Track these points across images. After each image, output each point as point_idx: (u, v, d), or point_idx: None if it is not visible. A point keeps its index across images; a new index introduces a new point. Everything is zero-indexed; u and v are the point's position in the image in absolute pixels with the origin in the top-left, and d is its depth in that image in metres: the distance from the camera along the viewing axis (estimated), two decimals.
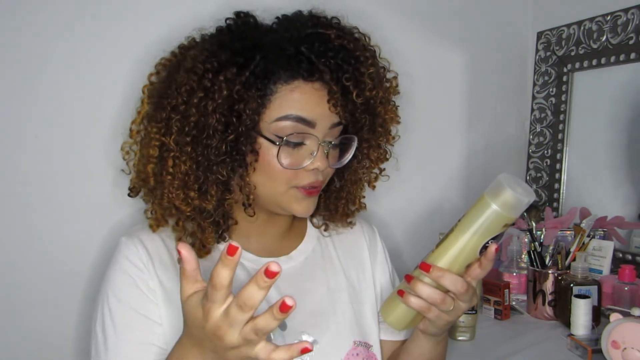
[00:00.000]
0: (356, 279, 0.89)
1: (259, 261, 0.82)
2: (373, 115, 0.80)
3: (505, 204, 0.64)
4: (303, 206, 0.77)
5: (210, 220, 0.76)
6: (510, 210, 0.64)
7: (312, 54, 0.73)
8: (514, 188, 0.64)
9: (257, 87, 0.71)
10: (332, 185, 0.86)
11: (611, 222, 1.31)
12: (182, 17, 0.91)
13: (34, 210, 1.01)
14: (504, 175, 0.65)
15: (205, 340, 0.56)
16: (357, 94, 0.75)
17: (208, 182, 0.73)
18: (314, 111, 0.73)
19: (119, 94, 1.01)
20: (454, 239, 0.67)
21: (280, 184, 0.75)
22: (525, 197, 0.64)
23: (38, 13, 0.98)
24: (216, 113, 0.70)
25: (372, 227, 0.96)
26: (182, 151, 0.72)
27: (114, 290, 0.75)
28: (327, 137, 0.76)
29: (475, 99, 1.56)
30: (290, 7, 0.82)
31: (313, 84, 0.74)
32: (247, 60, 0.72)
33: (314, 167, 0.75)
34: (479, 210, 0.66)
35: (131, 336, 0.73)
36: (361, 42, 0.79)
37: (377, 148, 0.85)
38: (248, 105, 0.71)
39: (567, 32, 1.52)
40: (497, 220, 0.65)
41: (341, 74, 0.75)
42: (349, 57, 0.75)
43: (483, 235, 0.66)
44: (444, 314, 0.69)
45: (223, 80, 0.70)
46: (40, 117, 1.00)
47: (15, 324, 1.01)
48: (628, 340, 0.91)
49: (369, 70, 0.77)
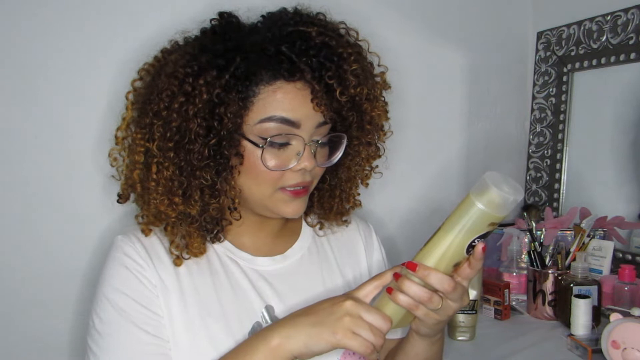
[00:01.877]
0: (352, 277, 0.89)
1: (254, 260, 0.82)
2: (360, 113, 0.79)
3: (490, 202, 0.63)
4: (292, 208, 0.76)
5: (195, 225, 0.75)
6: (495, 209, 0.63)
7: (292, 53, 0.72)
8: (500, 186, 0.62)
9: (237, 89, 0.70)
10: (325, 184, 0.86)
11: (611, 222, 1.31)
12: (170, 20, 0.91)
13: (31, 211, 1.01)
14: (491, 174, 0.64)
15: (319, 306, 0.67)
16: (340, 92, 0.74)
17: (192, 187, 0.73)
18: (297, 111, 0.73)
19: (115, 97, 1.01)
20: (439, 237, 0.67)
21: (267, 186, 0.74)
22: (511, 196, 0.62)
23: (38, 14, 0.98)
24: (197, 117, 0.70)
25: (368, 224, 0.96)
26: (165, 157, 0.71)
27: (114, 285, 0.74)
28: (314, 136, 0.75)
29: (475, 99, 1.56)
30: (275, 5, 0.80)
31: (295, 84, 0.73)
32: (227, 63, 0.71)
33: (301, 167, 0.74)
34: (464, 208, 0.65)
35: (137, 329, 0.72)
36: (345, 39, 0.78)
37: (368, 145, 0.83)
38: (229, 109, 0.70)
39: (567, 32, 1.52)
40: (482, 218, 0.64)
41: (324, 72, 0.73)
42: (331, 55, 0.74)
43: (468, 233, 0.65)
44: (432, 312, 0.68)
45: (203, 84, 0.70)
46: (36, 119, 1.00)
47: (13, 324, 1.01)
48: (628, 340, 0.91)
49: (352, 67, 0.75)
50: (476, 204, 0.63)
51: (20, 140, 0.99)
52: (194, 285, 0.77)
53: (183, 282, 0.76)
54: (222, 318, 0.76)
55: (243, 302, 0.78)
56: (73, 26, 1.01)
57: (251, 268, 0.81)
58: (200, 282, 0.77)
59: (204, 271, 0.78)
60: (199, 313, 0.75)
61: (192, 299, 0.76)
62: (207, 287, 0.77)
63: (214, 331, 0.75)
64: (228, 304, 0.77)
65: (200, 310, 0.75)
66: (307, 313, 0.67)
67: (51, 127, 1.01)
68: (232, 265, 0.80)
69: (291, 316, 0.68)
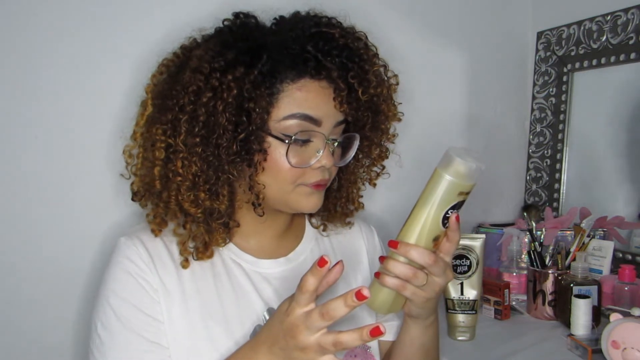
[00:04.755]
0: (354, 280, 0.89)
1: (257, 263, 0.82)
2: (376, 113, 0.81)
3: (456, 172, 0.68)
4: (311, 201, 0.77)
5: (220, 221, 0.76)
6: (462, 178, 0.68)
7: (318, 53, 0.74)
8: (463, 157, 0.68)
9: (265, 85, 0.71)
10: (331, 185, 0.86)
11: (611, 222, 1.31)
12: (182, 17, 0.91)
13: (31, 211, 1.01)
14: (453, 148, 0.69)
15: (278, 335, 0.62)
16: (362, 92, 0.76)
17: (219, 182, 0.73)
18: (320, 109, 0.74)
19: (118, 95, 1.01)
20: (415, 214, 0.71)
21: (287, 183, 0.75)
22: (473, 163, 0.67)
23: (38, 14, 0.98)
24: (226, 112, 0.70)
25: (370, 227, 0.96)
26: (192, 152, 0.71)
27: (115, 290, 0.74)
28: (332, 135, 0.77)
29: (475, 99, 1.56)
30: (289, 7, 0.82)
31: (320, 82, 0.74)
32: (253, 60, 0.72)
33: (321, 164, 0.75)
34: (434, 183, 0.70)
35: (137, 335, 0.72)
36: (363, 41, 0.80)
37: (378, 146, 0.85)
38: (258, 104, 0.71)
39: (567, 32, 1.52)
40: (451, 189, 0.68)
41: (346, 72, 0.75)
42: (352, 56, 0.76)
43: (441, 205, 0.69)
44: (419, 290, 0.71)
45: (232, 79, 0.70)
46: (40, 117, 1.00)
47: (14, 324, 1.01)
48: (628, 340, 0.91)
49: (373, 68, 0.78)
50: (444, 175, 0.68)
51: (21, 140, 0.99)
52: (196, 288, 0.77)
53: (185, 285, 0.76)
54: (223, 320, 0.76)
55: (245, 304, 0.78)
56: (75, 24, 1.01)
57: (254, 270, 0.81)
58: (203, 285, 0.77)
59: (207, 273, 0.78)
60: (201, 315, 0.75)
61: (193, 302, 0.76)
62: (209, 290, 0.77)
63: (215, 333, 0.75)
64: (230, 307, 0.77)
65: (202, 313, 0.76)
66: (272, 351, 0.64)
67: (52, 126, 1.01)
68: (235, 268, 0.80)
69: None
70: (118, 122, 0.83)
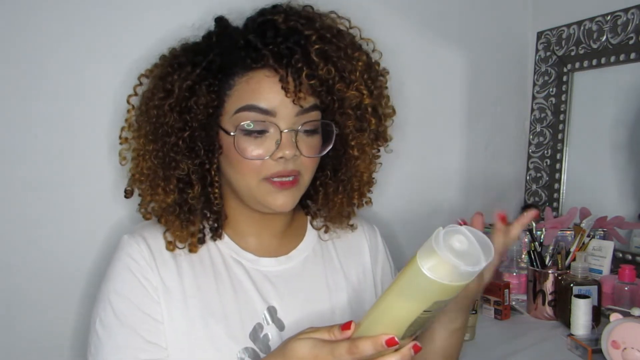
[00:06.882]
0: (356, 279, 0.89)
1: (258, 261, 0.82)
2: (338, 96, 0.76)
3: (436, 270, 0.48)
4: (279, 200, 0.75)
5: (175, 214, 0.77)
6: (446, 277, 0.48)
7: (257, 42, 0.74)
8: (453, 249, 0.48)
9: (209, 81, 0.73)
10: (328, 179, 0.84)
11: (611, 222, 1.31)
12: (182, 19, 0.91)
13: (33, 210, 1.01)
14: (449, 229, 0.50)
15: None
16: (307, 75, 0.72)
17: (169, 177, 0.75)
18: (270, 99, 0.73)
19: (118, 95, 1.00)
20: (382, 296, 0.54)
21: (250, 177, 0.75)
22: (467, 267, 0.46)
23: (38, 14, 0.98)
24: (173, 112, 0.73)
25: (373, 226, 0.96)
26: (146, 150, 0.76)
27: (116, 287, 0.75)
28: (296, 125, 0.74)
29: (475, 99, 1.56)
30: None
31: (263, 71, 0.74)
32: (200, 58, 0.75)
33: (280, 155, 0.73)
34: (410, 270, 0.51)
35: (134, 334, 0.73)
36: (317, 22, 0.76)
37: (361, 132, 0.80)
38: (199, 101, 0.73)
39: (567, 32, 1.52)
40: (430, 287, 0.48)
41: (290, 57, 0.73)
42: (299, 39, 0.74)
43: (416, 301, 0.50)
44: None
45: (177, 79, 0.74)
46: (40, 117, 1.00)
47: (14, 324, 1.01)
48: (628, 340, 0.91)
49: (317, 47, 0.73)
50: (421, 268, 0.49)
51: (20, 140, 0.99)
52: (196, 286, 0.77)
53: (185, 283, 0.77)
54: (223, 319, 0.76)
55: (245, 303, 0.78)
56: (75, 24, 1.01)
57: (255, 269, 0.81)
58: (203, 283, 0.78)
59: (207, 272, 0.79)
60: (201, 313, 0.76)
61: (194, 300, 0.76)
62: (210, 288, 0.77)
63: (215, 332, 0.75)
64: (230, 305, 0.77)
65: (202, 311, 0.76)
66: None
67: (52, 126, 1.01)
68: (235, 266, 0.80)
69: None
70: (118, 122, 0.84)
